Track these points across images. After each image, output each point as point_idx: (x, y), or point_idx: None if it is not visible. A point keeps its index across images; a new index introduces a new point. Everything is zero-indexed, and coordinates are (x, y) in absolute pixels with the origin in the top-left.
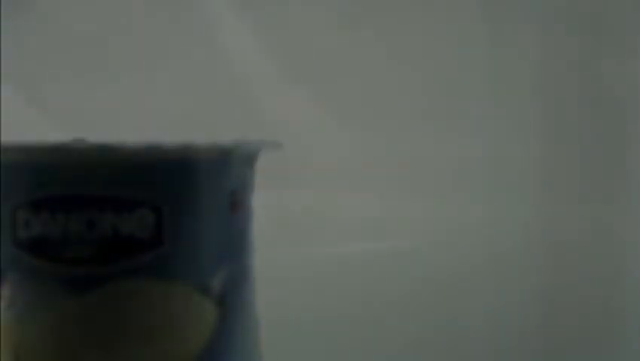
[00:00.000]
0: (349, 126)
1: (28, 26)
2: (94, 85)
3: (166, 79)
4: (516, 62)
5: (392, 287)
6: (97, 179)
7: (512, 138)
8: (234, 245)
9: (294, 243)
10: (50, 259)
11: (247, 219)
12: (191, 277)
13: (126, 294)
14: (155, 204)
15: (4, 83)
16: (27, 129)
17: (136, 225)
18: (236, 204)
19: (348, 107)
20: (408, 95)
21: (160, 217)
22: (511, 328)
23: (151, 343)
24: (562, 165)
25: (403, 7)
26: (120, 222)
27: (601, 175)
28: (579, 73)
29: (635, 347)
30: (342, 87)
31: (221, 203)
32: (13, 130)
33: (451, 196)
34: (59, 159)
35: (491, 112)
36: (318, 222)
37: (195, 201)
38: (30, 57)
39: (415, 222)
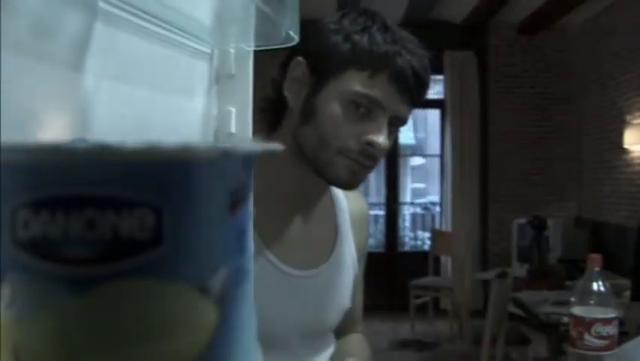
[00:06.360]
0: None
1: None
2: None
3: None
4: None
5: None
6: (97, 179)
7: None
8: (234, 245)
9: None
10: (50, 259)
11: (247, 219)
12: (191, 277)
13: (126, 294)
14: (155, 204)
15: None
16: None
17: (136, 225)
18: (236, 204)
19: None
20: None
21: (160, 217)
22: None
23: (151, 343)
24: None
25: None
26: (120, 222)
27: None
28: None
29: None
30: None
31: (221, 203)
32: None
33: None
34: (59, 159)
35: None
36: None
37: (195, 201)
38: None
39: None
